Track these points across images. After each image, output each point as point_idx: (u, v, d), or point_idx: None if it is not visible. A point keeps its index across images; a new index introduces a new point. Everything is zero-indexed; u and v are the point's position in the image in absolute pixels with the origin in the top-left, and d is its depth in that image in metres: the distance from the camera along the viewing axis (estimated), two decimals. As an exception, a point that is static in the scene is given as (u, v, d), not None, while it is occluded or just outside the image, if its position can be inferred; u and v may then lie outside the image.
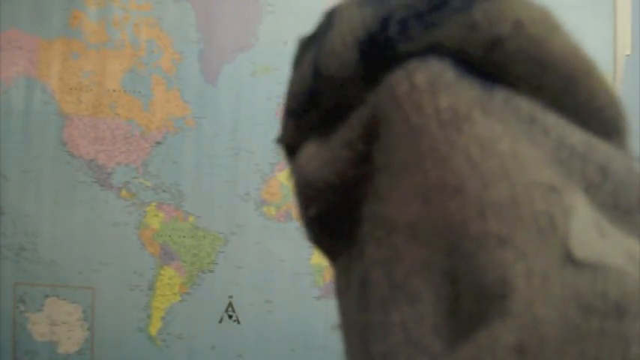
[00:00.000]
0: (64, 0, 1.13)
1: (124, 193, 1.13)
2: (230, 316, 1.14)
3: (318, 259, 1.14)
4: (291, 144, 0.21)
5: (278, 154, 1.14)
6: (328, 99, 0.19)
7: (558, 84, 0.17)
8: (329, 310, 1.14)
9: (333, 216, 0.19)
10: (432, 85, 0.16)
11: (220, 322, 1.14)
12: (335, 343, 1.14)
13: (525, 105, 0.16)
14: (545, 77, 0.17)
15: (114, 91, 1.13)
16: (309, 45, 0.21)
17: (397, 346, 0.16)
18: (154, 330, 1.13)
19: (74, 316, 1.13)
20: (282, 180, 1.14)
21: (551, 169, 0.15)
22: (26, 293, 1.12)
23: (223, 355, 1.13)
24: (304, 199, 0.20)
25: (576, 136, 0.16)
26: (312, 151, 0.19)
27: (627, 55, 1.09)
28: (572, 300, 0.13)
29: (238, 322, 1.14)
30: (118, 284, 1.13)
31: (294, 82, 0.21)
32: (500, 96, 0.16)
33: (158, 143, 1.13)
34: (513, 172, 0.15)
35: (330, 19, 0.21)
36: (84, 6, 1.13)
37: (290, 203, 1.14)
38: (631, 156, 0.17)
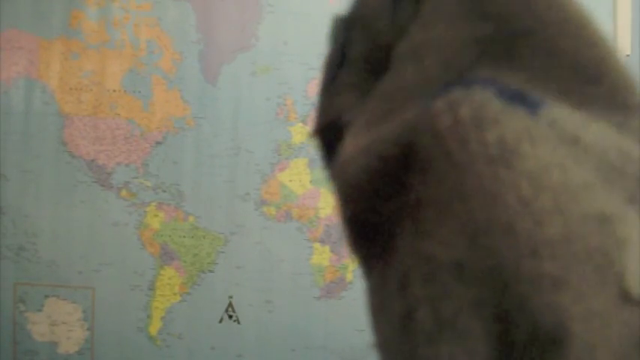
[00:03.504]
0: (64, 0, 1.13)
1: (124, 193, 1.13)
2: (230, 316, 1.14)
3: (318, 259, 1.14)
4: (326, 137, 0.20)
5: (278, 154, 1.14)
6: (360, 76, 0.18)
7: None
8: (329, 310, 1.14)
9: (367, 225, 0.19)
10: (478, 118, 0.15)
11: (220, 322, 1.14)
12: (335, 343, 1.13)
13: (569, 123, 0.16)
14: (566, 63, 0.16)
15: (114, 91, 1.13)
16: (339, 34, 0.20)
17: None
18: (154, 330, 1.13)
19: (74, 316, 1.13)
20: (282, 180, 1.14)
21: (599, 193, 0.15)
22: (26, 293, 1.12)
23: (223, 355, 1.13)
24: (341, 200, 0.19)
25: (609, 142, 0.16)
26: (349, 152, 0.19)
27: (627, 55, 1.09)
28: (632, 342, 0.13)
29: (238, 322, 1.14)
30: (118, 284, 1.13)
31: (326, 69, 0.20)
32: (545, 119, 0.15)
33: (158, 143, 1.13)
34: (565, 205, 0.14)
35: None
36: (84, 6, 1.13)
37: (290, 203, 1.14)
38: None
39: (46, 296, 1.12)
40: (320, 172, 1.14)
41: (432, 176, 0.16)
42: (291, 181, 1.14)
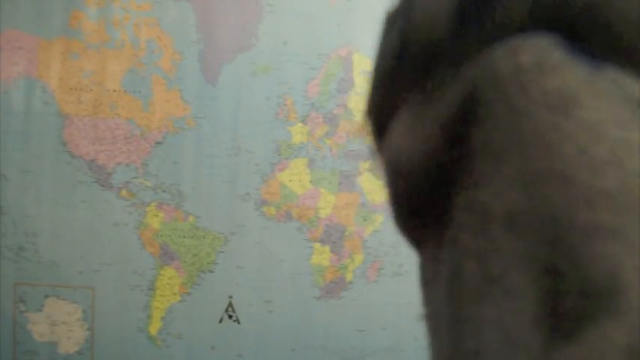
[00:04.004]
0: (64, 0, 1.13)
1: (124, 193, 1.13)
2: (230, 316, 1.14)
3: (318, 259, 1.14)
4: (379, 116, 0.20)
5: (278, 154, 1.14)
6: (417, 62, 0.18)
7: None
8: (329, 310, 1.14)
9: (423, 198, 0.18)
10: (539, 65, 0.15)
11: (220, 322, 1.14)
12: (335, 343, 1.13)
13: (632, 86, 0.15)
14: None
15: (114, 91, 1.13)
16: (394, 21, 0.20)
17: (492, 343, 0.15)
18: (154, 330, 1.13)
19: (74, 316, 1.13)
20: (282, 180, 1.14)
21: None
22: (26, 293, 1.12)
23: (223, 355, 1.13)
24: (394, 178, 0.19)
25: None
26: (404, 127, 0.18)
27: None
28: None
29: (238, 322, 1.14)
30: (118, 284, 1.12)
31: (381, 54, 0.20)
32: (608, 77, 0.15)
33: (158, 143, 1.13)
34: (623, 159, 0.14)
35: None
36: (84, 6, 1.13)
37: (290, 203, 1.14)
38: None
39: (46, 296, 1.12)
40: (320, 172, 1.14)
41: (491, 124, 0.16)
42: (291, 181, 1.14)
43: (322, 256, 1.14)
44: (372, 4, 1.13)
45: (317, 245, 1.14)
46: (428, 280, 0.19)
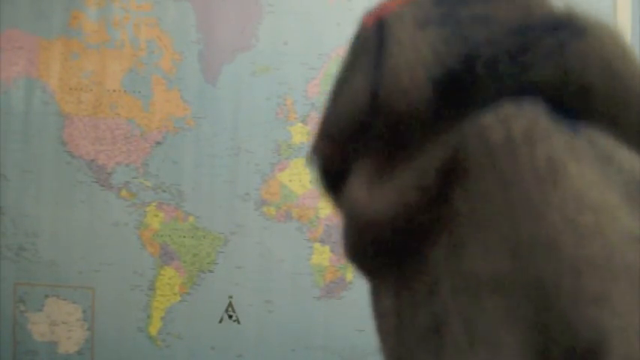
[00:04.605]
0: (64, 0, 1.13)
1: (124, 193, 1.13)
2: (230, 316, 1.14)
3: (318, 259, 1.14)
4: (330, 167, 0.20)
5: (278, 154, 1.14)
6: (386, 131, 0.18)
7: (632, 117, 0.17)
8: (329, 310, 1.14)
9: (387, 247, 0.19)
10: (529, 134, 0.16)
11: (220, 322, 1.14)
12: (335, 343, 1.13)
13: (604, 143, 0.16)
14: (623, 112, 0.16)
15: (114, 91, 1.13)
16: (356, 59, 0.19)
17: None
18: (154, 330, 1.13)
19: (74, 316, 1.13)
20: (282, 180, 1.14)
21: (629, 212, 0.15)
22: (26, 293, 1.12)
23: (223, 355, 1.13)
24: (355, 228, 0.19)
25: (637, 163, 0.16)
26: (365, 183, 0.18)
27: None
28: None
29: (238, 322, 1.14)
30: (118, 284, 1.13)
31: (341, 104, 0.20)
32: (584, 137, 0.16)
33: (158, 143, 1.13)
34: (606, 225, 0.15)
35: (380, 34, 0.19)
36: (84, 6, 1.13)
37: (290, 203, 1.14)
38: None
39: (46, 296, 1.12)
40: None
41: (477, 190, 0.16)
42: (291, 181, 1.14)
43: (322, 256, 1.14)
44: (372, 4, 1.13)
45: (317, 245, 1.14)
46: (386, 313, 0.19)
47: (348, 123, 0.19)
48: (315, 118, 1.14)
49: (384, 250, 0.19)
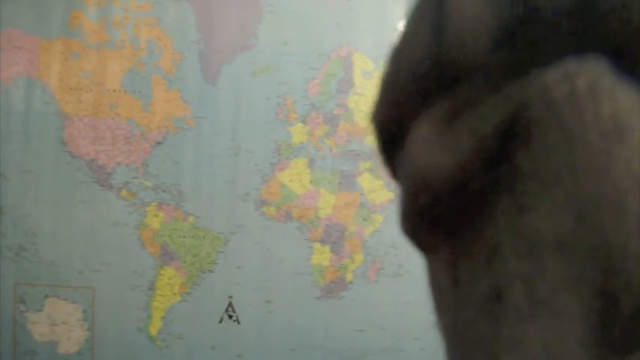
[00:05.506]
0: (64, 0, 1.13)
1: (124, 193, 1.13)
2: (230, 316, 1.14)
3: (318, 259, 1.14)
4: (388, 133, 0.20)
5: (278, 154, 1.14)
6: (447, 87, 0.18)
7: None
8: (329, 310, 1.14)
9: (446, 212, 0.18)
10: (593, 90, 0.15)
11: (220, 322, 1.14)
12: (335, 343, 1.14)
13: None
14: None
15: (114, 91, 1.13)
16: (416, 31, 0.19)
17: (534, 359, 0.15)
18: (154, 330, 1.13)
19: (74, 316, 1.13)
20: (282, 180, 1.14)
21: None
22: (26, 293, 1.12)
23: (223, 355, 1.13)
24: (414, 191, 0.19)
25: None
26: (426, 141, 0.18)
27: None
28: None
29: (238, 322, 1.14)
30: (118, 284, 1.13)
31: (401, 64, 0.19)
32: None
33: (158, 143, 1.13)
34: None
35: None
36: (84, 6, 1.13)
37: (290, 203, 1.14)
38: None
39: (46, 296, 1.12)
40: (320, 172, 1.14)
41: (540, 147, 0.16)
42: (291, 181, 1.14)
43: (322, 256, 1.14)
44: (372, 4, 1.13)
45: (317, 245, 1.14)
46: (443, 288, 0.19)
47: (408, 80, 0.19)
48: (316, 118, 1.14)
49: (441, 216, 0.18)
